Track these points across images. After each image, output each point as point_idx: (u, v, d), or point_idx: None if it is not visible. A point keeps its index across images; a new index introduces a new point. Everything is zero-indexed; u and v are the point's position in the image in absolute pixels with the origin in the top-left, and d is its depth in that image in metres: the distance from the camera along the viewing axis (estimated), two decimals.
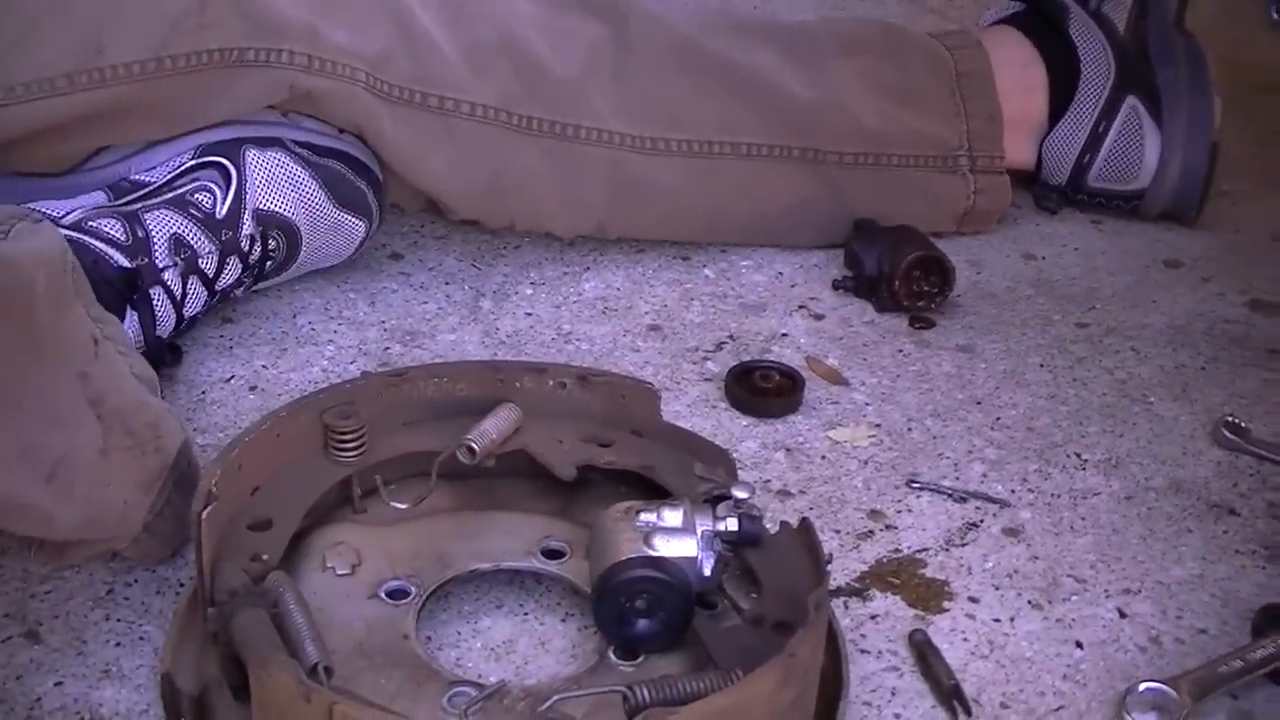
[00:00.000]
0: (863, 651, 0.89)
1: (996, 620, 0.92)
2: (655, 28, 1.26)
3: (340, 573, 0.87)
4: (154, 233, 1.07)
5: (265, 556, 0.84)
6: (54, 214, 1.06)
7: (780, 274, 1.28)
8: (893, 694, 0.86)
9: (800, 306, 1.23)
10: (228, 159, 1.11)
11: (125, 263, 1.05)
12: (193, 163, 1.11)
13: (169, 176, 1.11)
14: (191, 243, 1.08)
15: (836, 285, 1.25)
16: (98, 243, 1.04)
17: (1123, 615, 0.93)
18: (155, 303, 1.06)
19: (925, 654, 0.89)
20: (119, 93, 1.07)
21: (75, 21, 1.06)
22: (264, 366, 1.12)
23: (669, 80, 1.25)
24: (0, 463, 0.79)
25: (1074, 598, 0.94)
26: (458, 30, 1.18)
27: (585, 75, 1.22)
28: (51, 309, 0.80)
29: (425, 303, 1.21)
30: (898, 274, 1.21)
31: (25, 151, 1.09)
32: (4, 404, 0.79)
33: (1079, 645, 0.91)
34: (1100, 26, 1.35)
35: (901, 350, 1.19)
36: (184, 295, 1.08)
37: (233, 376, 1.11)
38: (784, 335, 1.19)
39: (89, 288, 0.85)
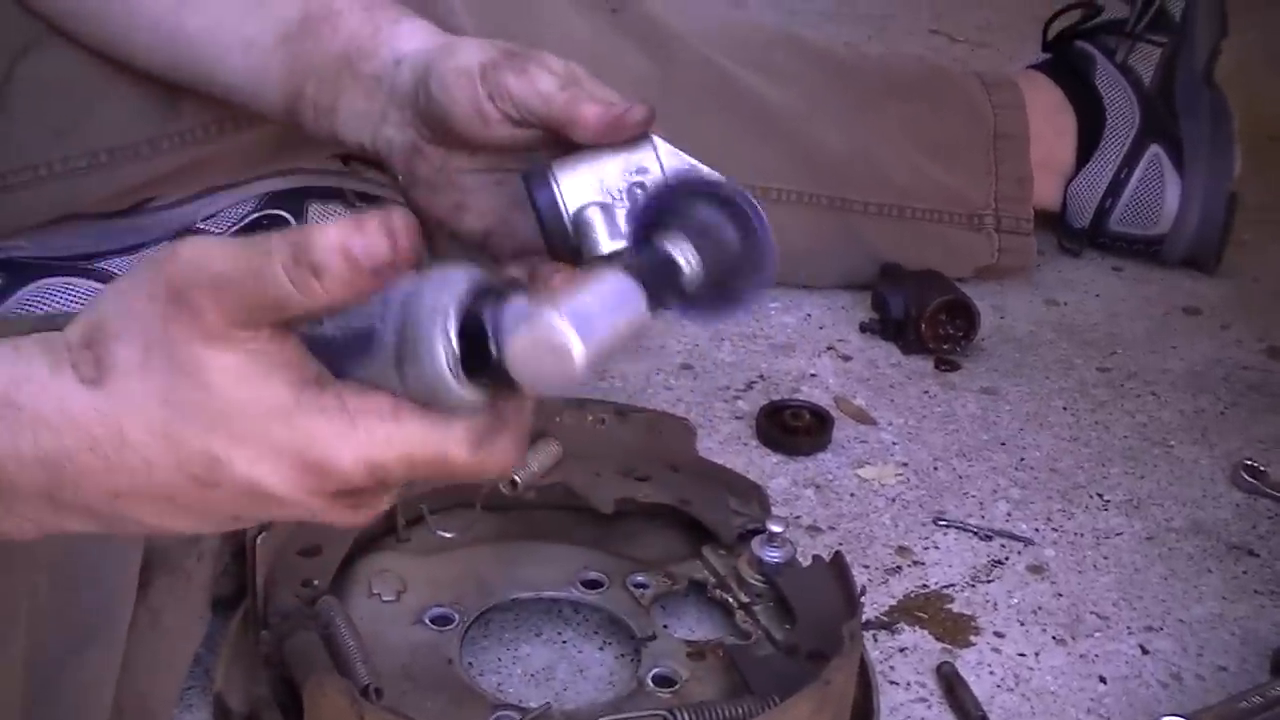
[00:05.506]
0: (892, 683, 0.92)
1: (1022, 655, 0.95)
2: (700, 67, 1.28)
3: (386, 599, 0.90)
4: None
5: (315, 582, 0.86)
6: (117, 273, 1.07)
7: (809, 316, 1.30)
8: None
9: (828, 348, 1.26)
10: (290, 213, 1.13)
11: None
12: (255, 215, 1.13)
13: (231, 228, 1.12)
14: None
15: (864, 327, 1.28)
16: None
17: (1145, 652, 0.96)
18: None
19: (953, 686, 0.91)
20: (195, 150, 1.08)
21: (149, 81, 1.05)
22: None
23: (707, 121, 1.27)
24: None
25: (1097, 634, 0.97)
26: None
27: None
28: None
29: None
30: (924, 317, 1.24)
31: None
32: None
33: (1102, 680, 0.93)
34: (1125, 77, 1.39)
35: (927, 391, 1.21)
36: None
37: None
38: (813, 375, 1.22)
39: None
